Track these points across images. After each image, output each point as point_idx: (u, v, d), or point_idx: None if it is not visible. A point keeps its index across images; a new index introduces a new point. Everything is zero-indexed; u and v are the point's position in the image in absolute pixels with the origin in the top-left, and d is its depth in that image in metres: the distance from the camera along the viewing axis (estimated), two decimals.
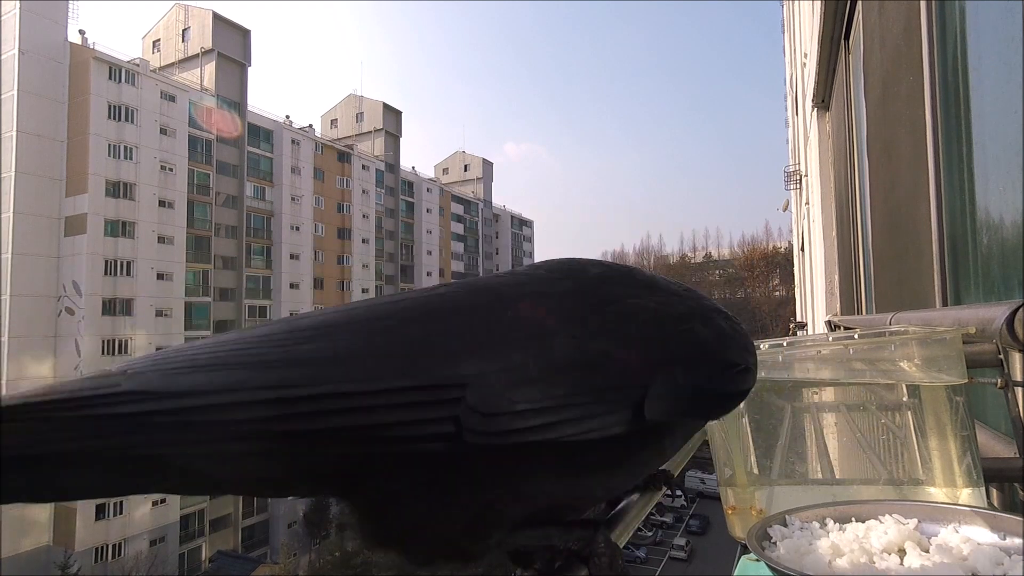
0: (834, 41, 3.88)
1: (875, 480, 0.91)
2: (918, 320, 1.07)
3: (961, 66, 1.36)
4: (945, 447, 0.81)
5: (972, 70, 1.30)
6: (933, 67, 1.51)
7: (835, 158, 4.70)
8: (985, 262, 1.24)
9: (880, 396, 0.93)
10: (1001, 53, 1.08)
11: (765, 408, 0.93)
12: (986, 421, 1.11)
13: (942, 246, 1.49)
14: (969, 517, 0.63)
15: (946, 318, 0.92)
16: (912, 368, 0.81)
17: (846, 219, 4.11)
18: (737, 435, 0.94)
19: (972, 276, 1.34)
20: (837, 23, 3.69)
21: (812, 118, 5.47)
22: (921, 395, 0.83)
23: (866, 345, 0.91)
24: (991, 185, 1.19)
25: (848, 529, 0.66)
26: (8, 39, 31.37)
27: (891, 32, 2.11)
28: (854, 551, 0.60)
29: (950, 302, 1.47)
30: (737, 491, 0.96)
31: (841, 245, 4.73)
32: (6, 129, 31.05)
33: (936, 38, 1.51)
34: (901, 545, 0.61)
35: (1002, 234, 1.11)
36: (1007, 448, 0.92)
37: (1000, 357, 0.82)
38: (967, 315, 0.82)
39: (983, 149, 1.24)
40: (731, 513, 0.97)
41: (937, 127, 1.49)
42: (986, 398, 1.15)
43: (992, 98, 1.18)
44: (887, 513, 0.67)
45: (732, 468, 0.97)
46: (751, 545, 0.63)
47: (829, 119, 4.98)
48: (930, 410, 0.82)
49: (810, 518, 0.69)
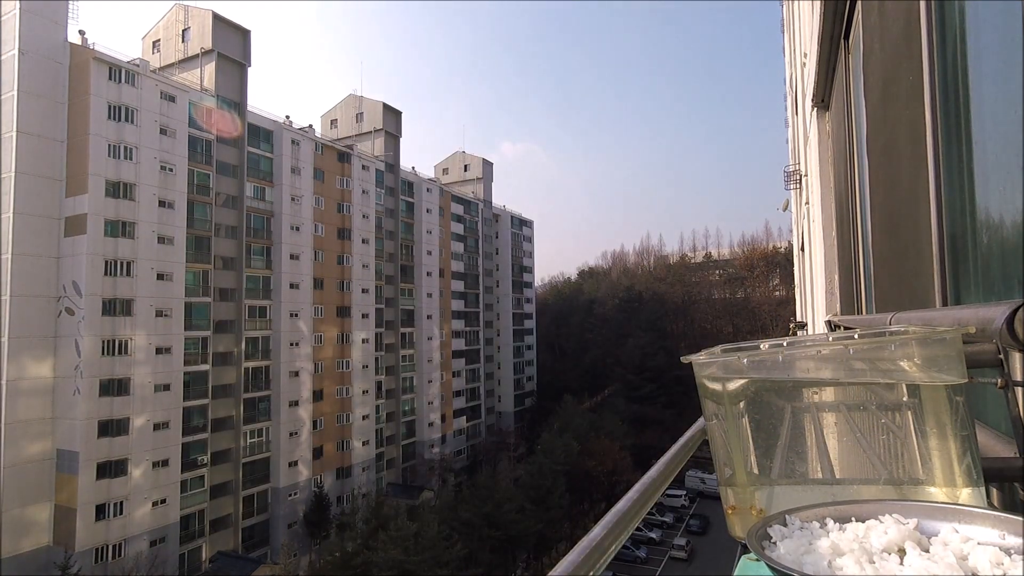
0: (834, 41, 3.88)
1: (875, 480, 0.91)
2: (918, 320, 1.07)
3: (961, 66, 1.36)
4: (945, 447, 0.81)
5: (972, 70, 1.30)
6: (933, 67, 1.51)
7: (835, 158, 4.70)
8: (985, 262, 1.24)
9: (880, 396, 0.93)
10: (1001, 53, 1.08)
11: (765, 408, 0.93)
12: (986, 421, 1.11)
13: (942, 246, 1.49)
14: (969, 517, 0.63)
15: (946, 318, 0.92)
16: (912, 368, 0.81)
17: (846, 219, 4.11)
18: (737, 435, 0.94)
19: (972, 276, 1.34)
20: (837, 23, 3.69)
21: (812, 118, 5.47)
22: (921, 395, 0.83)
23: (866, 345, 0.91)
24: (991, 185, 1.19)
25: (848, 529, 0.66)
26: (8, 39, 31.36)
27: (891, 32, 2.11)
28: (854, 551, 0.60)
29: (950, 302, 1.47)
30: (737, 491, 0.96)
31: (841, 245, 4.73)
32: (6, 129, 31.05)
33: (936, 38, 1.51)
34: (901, 545, 0.61)
35: (1002, 234, 1.11)
36: (1007, 448, 0.92)
37: (1000, 357, 0.82)
38: (967, 315, 0.82)
39: (983, 149, 1.24)
40: (731, 513, 0.97)
41: (937, 127, 1.49)
42: (986, 398, 1.15)
43: (992, 98, 1.18)
44: (887, 513, 0.67)
45: (732, 468, 0.97)
46: (751, 545, 0.63)
47: (829, 119, 4.97)
48: (930, 410, 0.82)
49: (810, 518, 0.69)
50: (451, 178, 72.64)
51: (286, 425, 42.59)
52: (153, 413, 34.29)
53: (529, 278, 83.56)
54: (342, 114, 59.19)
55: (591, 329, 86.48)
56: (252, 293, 42.11)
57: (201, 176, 39.07)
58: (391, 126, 57.92)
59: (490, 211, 73.21)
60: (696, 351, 1.10)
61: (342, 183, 49.77)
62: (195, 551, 36.50)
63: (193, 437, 36.89)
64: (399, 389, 54.45)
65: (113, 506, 32.16)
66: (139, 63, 36.06)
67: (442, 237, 63.03)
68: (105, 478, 31.95)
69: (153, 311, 34.84)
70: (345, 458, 47.14)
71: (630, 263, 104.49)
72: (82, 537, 30.81)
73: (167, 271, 35.81)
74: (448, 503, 42.46)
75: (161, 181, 35.86)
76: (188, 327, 37.02)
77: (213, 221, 39.63)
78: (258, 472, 41.20)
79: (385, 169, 55.66)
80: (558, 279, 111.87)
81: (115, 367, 32.85)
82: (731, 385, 0.94)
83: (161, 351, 35.09)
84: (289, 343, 43.54)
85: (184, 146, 37.49)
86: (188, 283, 37.38)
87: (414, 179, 60.44)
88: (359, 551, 32.30)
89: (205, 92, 40.07)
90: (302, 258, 45.45)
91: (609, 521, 0.89)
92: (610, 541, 0.69)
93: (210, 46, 40.87)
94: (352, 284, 49.50)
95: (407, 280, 57.61)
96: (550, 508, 42.02)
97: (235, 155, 41.72)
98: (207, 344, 38.32)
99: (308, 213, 46.33)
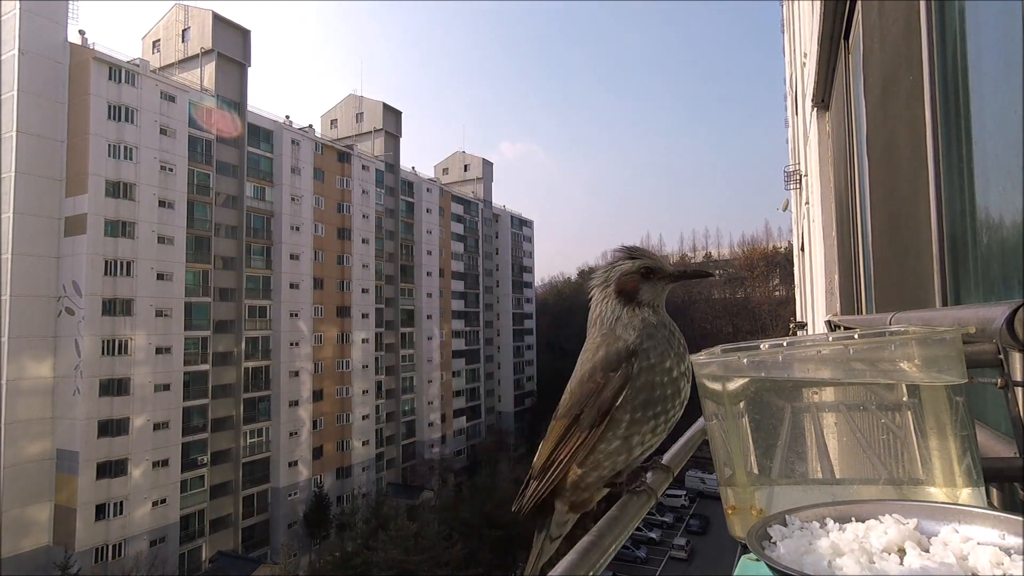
0: (834, 41, 3.88)
1: (875, 480, 0.91)
2: (918, 320, 1.07)
3: (961, 66, 1.36)
4: (945, 447, 0.81)
5: (972, 70, 1.30)
6: (933, 67, 1.51)
7: (835, 158, 4.70)
8: (985, 262, 1.24)
9: (880, 396, 0.93)
10: (1001, 53, 1.08)
11: (765, 408, 0.93)
12: (986, 421, 1.11)
13: (942, 246, 1.49)
14: (969, 517, 0.63)
15: (946, 318, 0.92)
16: (912, 368, 0.81)
17: (846, 219, 4.11)
18: (737, 435, 0.94)
19: (972, 276, 1.34)
20: (837, 22, 3.69)
21: (812, 118, 5.47)
22: (921, 395, 0.83)
23: (866, 345, 0.91)
24: (991, 185, 1.19)
25: (848, 529, 0.66)
26: (8, 39, 31.36)
27: (891, 32, 2.11)
28: (854, 551, 0.60)
29: (950, 302, 1.47)
30: (737, 491, 0.96)
31: (841, 245, 4.73)
32: (6, 129, 31.05)
33: (936, 38, 1.51)
34: (901, 545, 0.61)
35: (1002, 234, 1.11)
36: (1007, 448, 0.92)
37: (1000, 357, 0.82)
38: (967, 315, 0.82)
39: (983, 149, 1.24)
40: (731, 513, 0.97)
41: (937, 127, 1.49)
42: (986, 398, 1.15)
43: (992, 98, 1.18)
44: (887, 513, 0.67)
45: (732, 468, 0.97)
46: (751, 545, 0.63)
47: (829, 119, 4.97)
48: (930, 410, 0.82)
49: (810, 518, 0.69)
50: (451, 178, 72.61)
51: (286, 425, 42.58)
52: (153, 413, 34.29)
53: (529, 278, 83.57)
54: (342, 114, 59.18)
55: None
56: (252, 293, 42.10)
57: (201, 176, 39.07)
58: (391, 126, 57.92)
59: (490, 211, 73.19)
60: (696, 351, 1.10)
61: (342, 183, 49.77)
62: (195, 551, 36.51)
63: (193, 437, 36.89)
64: (399, 389, 54.44)
65: (113, 506, 32.17)
66: (139, 63, 36.07)
67: (442, 237, 63.02)
68: (105, 478, 31.95)
69: (153, 311, 34.84)
70: (345, 458, 47.13)
71: None
72: (82, 537, 30.81)
73: (167, 271, 35.81)
74: (448, 503, 42.48)
75: (161, 181, 35.87)
76: (188, 327, 37.03)
77: (213, 221, 39.63)
78: (258, 472, 41.19)
79: (385, 169, 55.65)
80: (558, 279, 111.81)
81: (115, 367, 32.85)
82: (731, 385, 0.94)
83: (161, 351, 35.09)
84: (289, 343, 43.53)
85: (184, 146, 37.49)
86: (188, 283, 37.38)
87: (414, 179, 60.43)
88: (359, 551, 32.32)
89: (205, 92, 40.07)
90: (302, 258, 45.45)
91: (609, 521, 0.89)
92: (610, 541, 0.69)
93: (210, 46, 40.87)
94: (352, 284, 49.49)
95: (407, 280, 57.60)
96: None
97: (235, 155, 41.72)
98: (207, 344, 38.31)
99: (308, 213, 46.33)
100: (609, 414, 0.98)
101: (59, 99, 32.85)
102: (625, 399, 0.97)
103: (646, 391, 0.99)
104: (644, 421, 0.98)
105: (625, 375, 0.98)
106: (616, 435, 0.98)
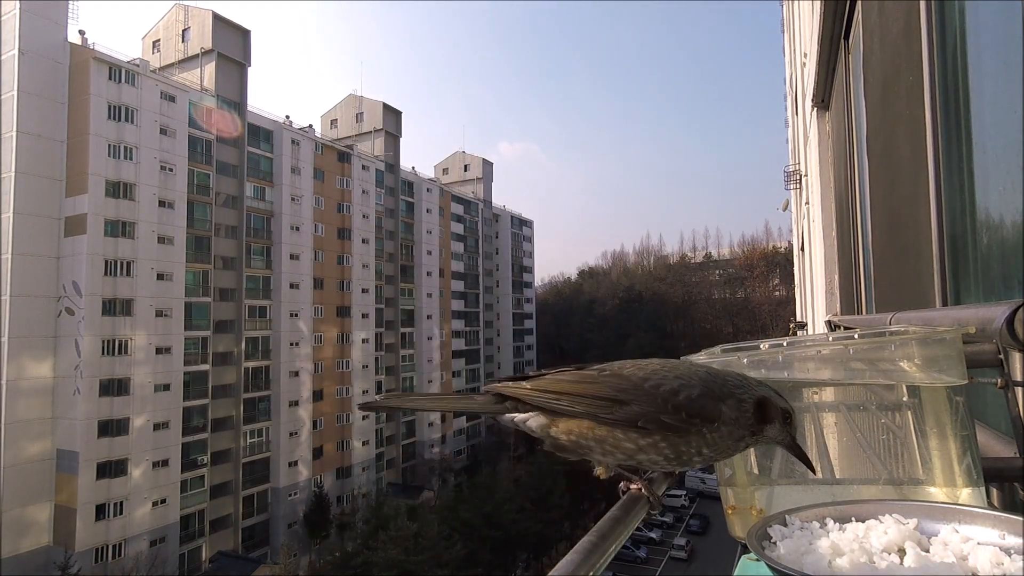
0: (834, 41, 3.88)
1: (875, 480, 0.91)
2: (918, 320, 1.07)
3: (961, 66, 1.36)
4: (945, 447, 0.81)
5: (972, 70, 1.30)
6: (933, 67, 1.51)
7: (835, 158, 4.70)
8: (985, 262, 1.24)
9: (880, 396, 0.93)
10: (1001, 53, 1.08)
11: None
12: (986, 421, 1.11)
13: (942, 246, 1.49)
14: (969, 517, 0.63)
15: (946, 318, 0.92)
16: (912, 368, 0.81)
17: (846, 219, 4.11)
18: None
19: (972, 276, 1.34)
20: (837, 23, 3.69)
21: (812, 118, 5.47)
22: (921, 395, 0.83)
23: (866, 345, 0.91)
24: (991, 185, 1.19)
25: (848, 529, 0.66)
26: (8, 39, 31.36)
27: (891, 32, 2.11)
28: (854, 551, 0.60)
29: (950, 302, 1.47)
30: (737, 491, 0.96)
31: (841, 245, 4.73)
32: (6, 129, 31.04)
33: (936, 38, 1.51)
34: (901, 545, 0.61)
35: (1002, 234, 1.11)
36: (1007, 448, 0.92)
37: (1000, 357, 0.82)
38: (967, 315, 0.82)
39: (983, 149, 1.24)
40: (731, 513, 0.97)
41: (937, 127, 1.49)
42: (986, 398, 1.15)
43: (992, 98, 1.18)
44: (887, 513, 0.67)
45: (732, 468, 0.97)
46: (751, 545, 0.63)
47: (829, 119, 4.98)
48: (930, 410, 0.82)
49: (810, 518, 0.69)
50: (451, 178, 72.61)
51: (286, 425, 42.58)
52: (153, 413, 34.28)
53: (529, 278, 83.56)
54: (342, 114, 59.18)
55: (591, 329, 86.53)
56: (252, 293, 42.10)
57: (201, 176, 39.06)
58: (391, 126, 57.91)
59: (490, 211, 73.19)
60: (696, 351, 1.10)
61: (342, 183, 49.77)
62: (195, 551, 36.50)
63: (193, 437, 36.88)
64: (399, 389, 54.44)
65: (113, 506, 32.16)
66: (139, 63, 36.06)
67: (442, 237, 63.02)
68: (105, 478, 31.94)
69: (153, 311, 34.83)
70: (345, 458, 47.13)
71: (630, 263, 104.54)
72: (82, 537, 30.80)
73: (167, 271, 35.80)
74: (448, 503, 42.47)
75: (161, 181, 35.86)
76: (188, 327, 37.02)
77: (213, 221, 39.62)
78: (258, 472, 41.19)
79: (385, 169, 55.64)
80: (558, 279, 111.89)
81: (115, 367, 32.84)
82: None
83: (161, 351, 35.08)
84: (289, 343, 43.53)
85: (184, 146, 37.48)
86: (188, 283, 37.37)
87: (414, 179, 60.42)
88: (359, 551, 32.32)
89: (205, 92, 40.06)
90: (302, 258, 45.45)
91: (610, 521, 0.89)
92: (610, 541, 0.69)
93: (210, 46, 40.85)
94: (352, 284, 49.49)
95: (407, 280, 57.60)
96: (550, 508, 42.01)
97: (235, 155, 41.71)
98: (207, 344, 38.31)
99: (308, 213, 46.32)
100: (643, 430, 0.83)
101: (59, 99, 32.84)
102: (665, 443, 0.82)
103: (687, 446, 0.83)
104: (659, 458, 0.83)
105: (695, 430, 0.81)
106: (632, 440, 0.83)
